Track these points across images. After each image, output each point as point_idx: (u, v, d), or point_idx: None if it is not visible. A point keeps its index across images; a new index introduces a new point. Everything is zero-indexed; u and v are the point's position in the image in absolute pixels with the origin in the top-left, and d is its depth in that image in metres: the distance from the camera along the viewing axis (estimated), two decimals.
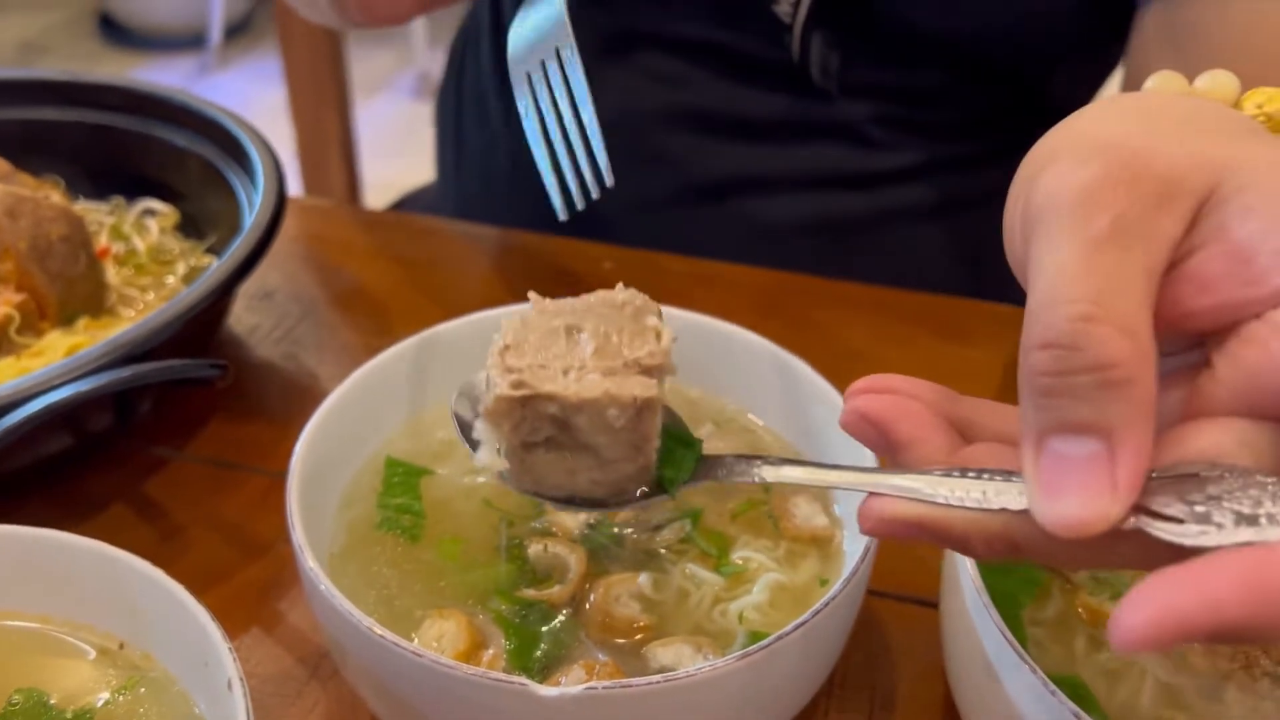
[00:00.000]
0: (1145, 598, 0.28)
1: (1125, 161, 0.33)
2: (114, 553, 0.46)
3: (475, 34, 1.05)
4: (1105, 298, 0.31)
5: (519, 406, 0.40)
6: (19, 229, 0.68)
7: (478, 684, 0.43)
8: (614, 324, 0.42)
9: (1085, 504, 0.31)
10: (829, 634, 0.48)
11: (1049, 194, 0.34)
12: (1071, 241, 0.32)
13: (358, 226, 0.92)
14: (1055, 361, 0.31)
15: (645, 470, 0.42)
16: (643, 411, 0.40)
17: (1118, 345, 0.30)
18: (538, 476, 0.42)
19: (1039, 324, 0.32)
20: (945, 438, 0.37)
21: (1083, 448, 0.31)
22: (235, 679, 0.41)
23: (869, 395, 0.37)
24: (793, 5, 0.81)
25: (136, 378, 0.54)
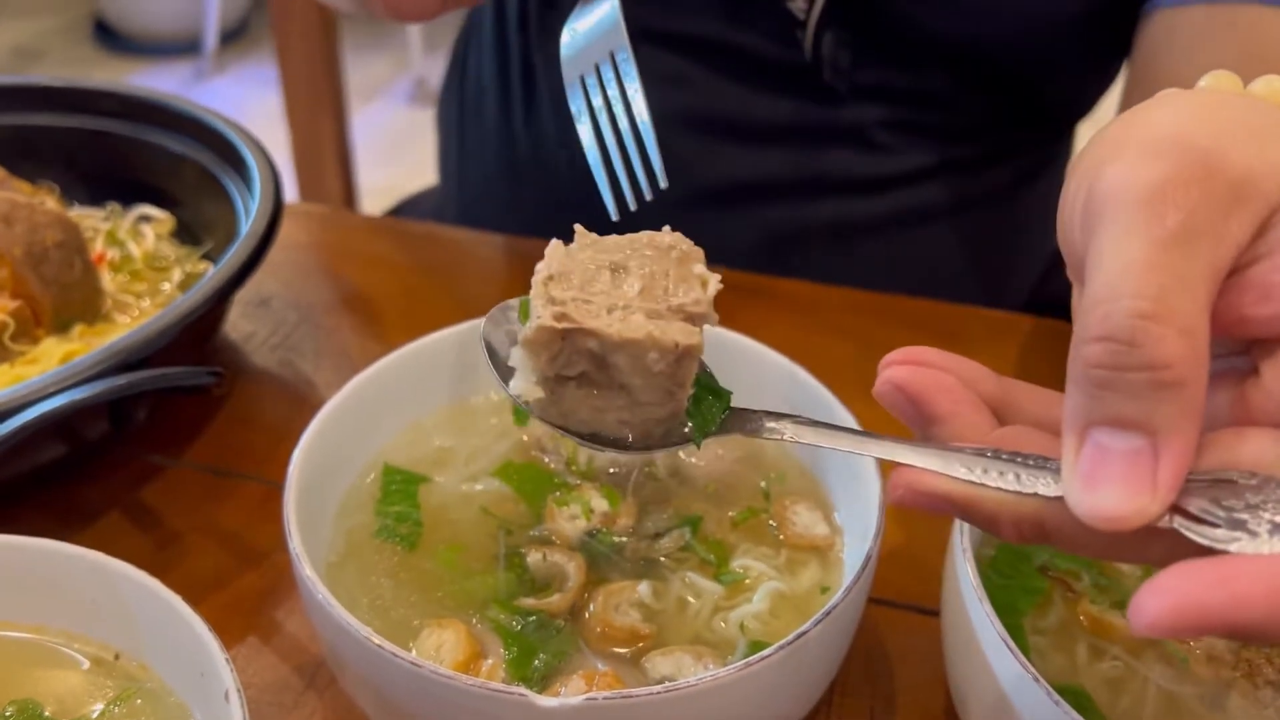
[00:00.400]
0: (1169, 586, 0.28)
1: (1198, 160, 0.33)
2: (109, 562, 0.46)
3: (477, 35, 1.05)
4: (1167, 297, 0.31)
5: (559, 338, 0.40)
6: (14, 235, 0.68)
7: (477, 694, 0.42)
8: (660, 266, 0.42)
9: (1124, 498, 0.31)
10: (830, 643, 0.48)
11: (1117, 188, 0.33)
12: (1139, 237, 0.32)
13: (355, 232, 0.91)
14: (1111, 355, 0.31)
15: (674, 416, 0.42)
16: (683, 358, 0.40)
17: (1174, 346, 0.30)
18: (565, 410, 0.42)
19: (1097, 315, 0.31)
20: (982, 416, 0.37)
21: (1127, 442, 0.31)
22: (233, 689, 0.40)
23: (906, 367, 0.37)
24: (807, 1, 0.81)
25: (132, 385, 0.54)
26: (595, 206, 0.94)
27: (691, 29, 0.87)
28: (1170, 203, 0.32)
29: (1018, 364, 0.76)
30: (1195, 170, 0.32)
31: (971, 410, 0.36)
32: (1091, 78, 0.91)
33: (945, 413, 0.36)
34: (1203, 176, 0.32)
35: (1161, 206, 0.32)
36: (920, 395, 0.36)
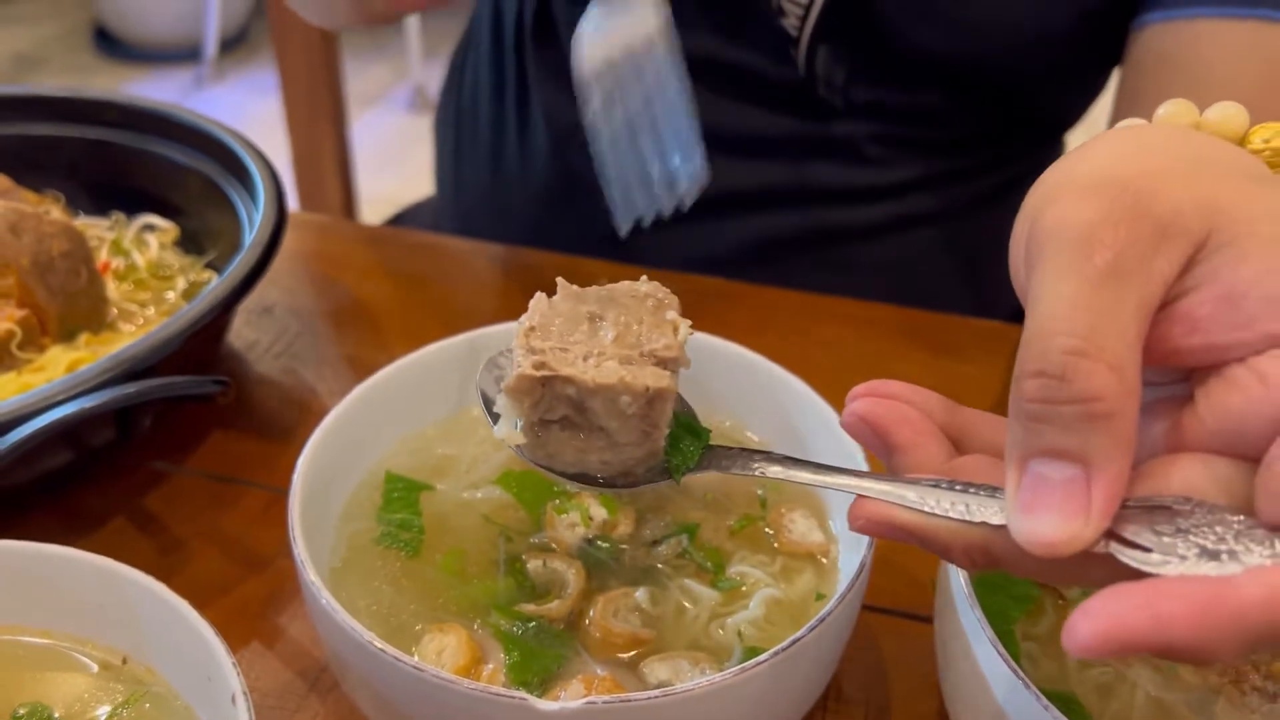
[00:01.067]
0: (1098, 609, 0.30)
1: (1128, 201, 0.34)
2: (117, 567, 0.47)
3: (474, 49, 1.06)
4: (1097, 334, 0.32)
5: (539, 386, 0.42)
6: (21, 245, 0.68)
7: (478, 698, 0.43)
8: (635, 314, 0.45)
9: (1059, 525, 0.32)
10: (824, 649, 0.49)
11: (1052, 227, 0.35)
12: (1070, 276, 0.33)
13: (356, 242, 0.92)
14: (1044, 389, 0.33)
15: (654, 455, 0.44)
16: (654, 401, 0.42)
17: (1104, 380, 0.32)
18: (551, 452, 0.45)
19: (1032, 352, 0.33)
20: (939, 445, 0.38)
21: (1062, 472, 0.33)
22: (239, 693, 0.41)
23: (870, 399, 0.39)
24: (800, 19, 0.82)
25: (141, 394, 0.55)
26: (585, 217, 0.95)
27: (687, 45, 0.88)
28: (1099, 242, 0.33)
29: (1009, 374, 0.77)
30: (1125, 211, 0.34)
31: (930, 440, 0.38)
32: (1083, 88, 0.93)
33: (906, 442, 0.38)
34: (1131, 217, 0.34)
35: (1091, 246, 0.33)
36: (882, 426, 0.38)
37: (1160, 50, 0.75)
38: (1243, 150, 0.40)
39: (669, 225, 0.93)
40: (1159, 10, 0.75)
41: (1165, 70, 0.74)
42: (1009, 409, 0.34)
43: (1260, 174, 0.38)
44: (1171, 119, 0.44)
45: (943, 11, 0.80)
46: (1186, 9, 0.73)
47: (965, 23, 0.81)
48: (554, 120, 0.95)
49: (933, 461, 0.38)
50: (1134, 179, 0.35)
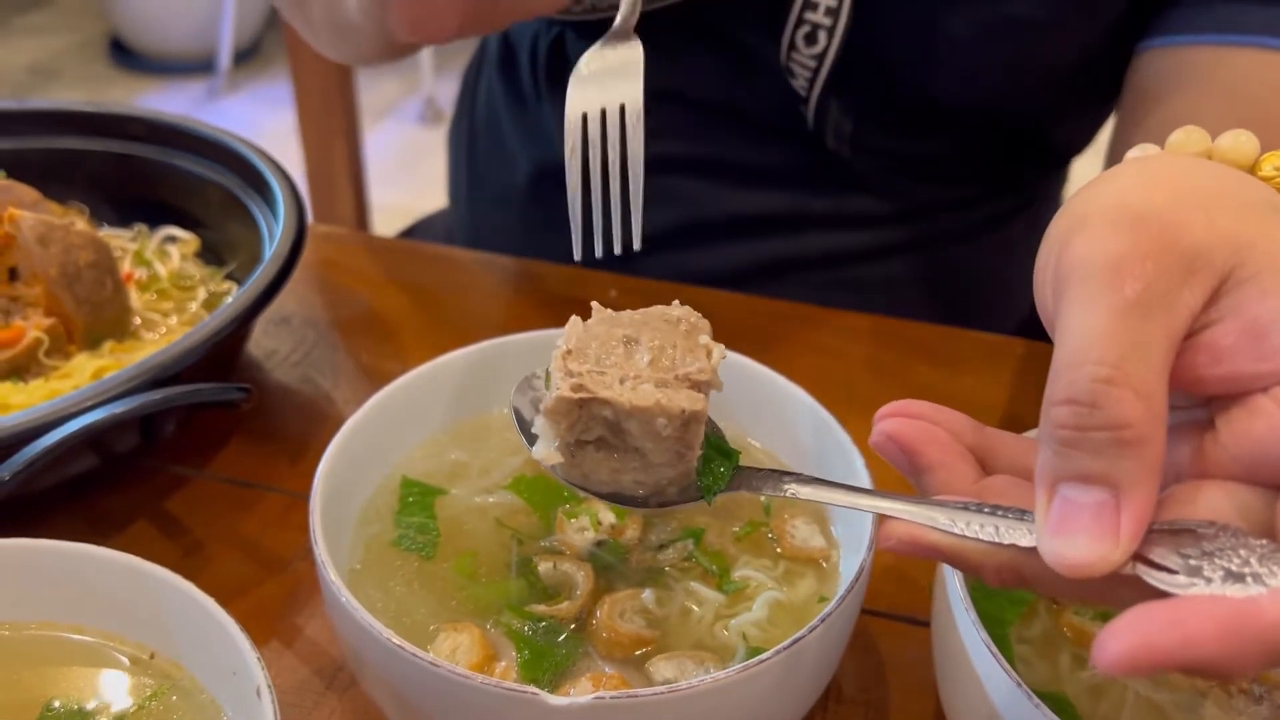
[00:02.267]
0: (1127, 627, 0.31)
1: (1155, 233, 0.35)
2: (146, 566, 0.49)
3: (487, 65, 1.08)
4: (1127, 363, 0.34)
5: (577, 408, 0.44)
6: (50, 256, 0.71)
7: (492, 694, 0.45)
8: (669, 338, 0.46)
9: (1090, 547, 0.34)
10: (825, 650, 0.50)
11: (1081, 258, 0.36)
12: (1100, 306, 0.35)
13: (371, 253, 0.95)
14: (1075, 417, 0.34)
15: (685, 476, 0.46)
16: (689, 423, 0.44)
17: (1133, 408, 0.33)
18: (586, 471, 0.46)
19: (1064, 380, 0.34)
20: (968, 466, 0.40)
21: (1092, 496, 0.34)
22: (264, 686, 0.43)
23: (898, 419, 0.40)
24: (809, 80, 0.84)
25: (167, 400, 0.57)
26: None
27: (703, 94, 0.90)
28: (1129, 274, 0.35)
29: (1011, 387, 0.79)
30: (1152, 243, 0.35)
31: (958, 460, 0.39)
32: (1089, 120, 0.94)
33: (934, 462, 0.39)
34: (1159, 249, 0.35)
35: (1120, 277, 0.35)
36: (912, 446, 0.40)
37: (1161, 74, 0.77)
38: (1258, 182, 0.42)
39: (674, 244, 0.95)
40: (1161, 36, 0.77)
41: (1165, 94, 0.76)
42: (1039, 434, 0.36)
43: (1276, 205, 0.39)
44: (1182, 146, 0.45)
45: (946, 62, 0.82)
46: (1188, 35, 0.75)
47: (966, 73, 0.82)
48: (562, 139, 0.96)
49: (961, 481, 0.39)
50: (1160, 211, 0.36)
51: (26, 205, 0.77)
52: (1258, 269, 0.36)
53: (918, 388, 0.79)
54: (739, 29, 0.86)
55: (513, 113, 1.02)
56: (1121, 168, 0.41)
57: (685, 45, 0.89)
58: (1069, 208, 0.39)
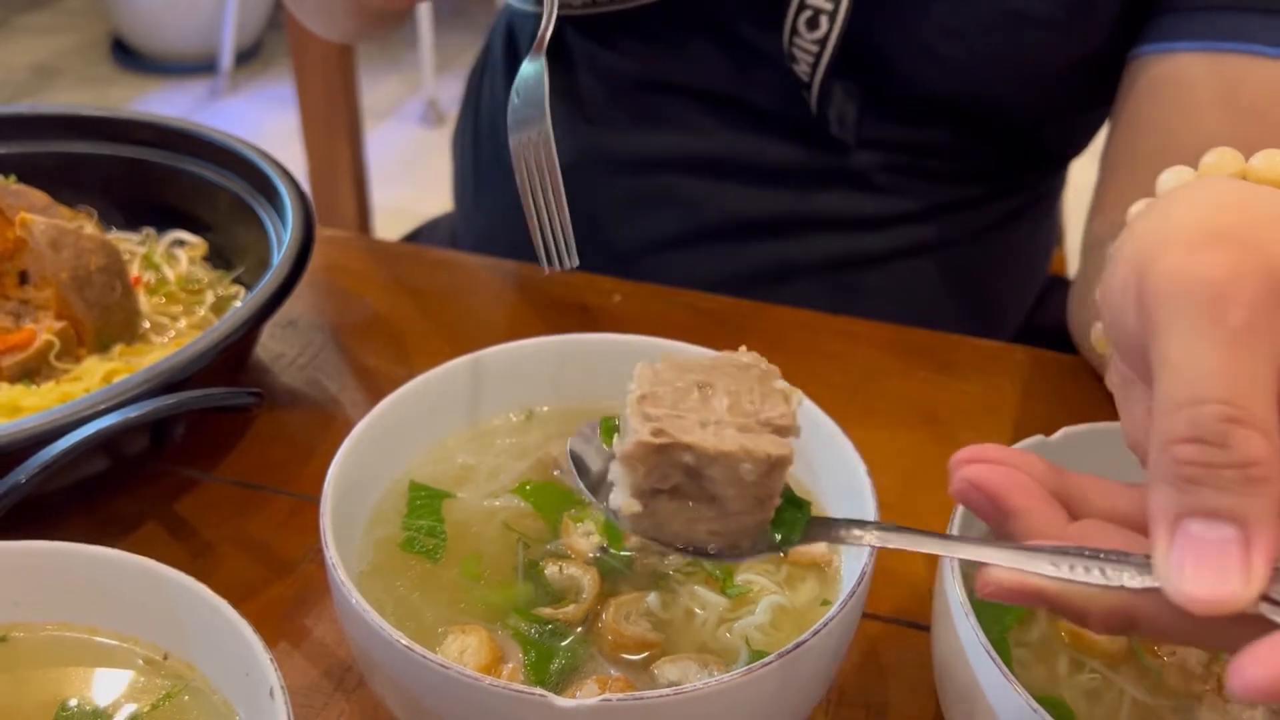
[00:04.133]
0: (1268, 654, 0.31)
1: (1245, 256, 0.35)
2: (159, 568, 0.49)
3: (491, 67, 1.09)
4: (1247, 400, 0.34)
5: (655, 453, 0.42)
6: (61, 260, 0.72)
7: (500, 695, 0.46)
8: (743, 384, 0.45)
9: (1220, 584, 0.33)
10: (826, 653, 0.51)
11: (1174, 282, 0.36)
12: (1208, 337, 0.34)
13: (376, 257, 0.95)
14: (1204, 454, 0.34)
15: (761, 526, 0.44)
16: (773, 469, 0.43)
17: (1260, 445, 0.33)
18: (659, 522, 0.44)
19: (1183, 418, 0.34)
20: (1055, 510, 0.40)
21: (1219, 532, 0.34)
22: (277, 687, 0.44)
23: (980, 465, 0.40)
24: (811, 65, 0.85)
25: (180, 404, 0.58)
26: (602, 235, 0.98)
27: (703, 83, 0.91)
28: (1232, 301, 0.35)
29: (1011, 393, 0.80)
30: (1250, 266, 0.35)
31: (1045, 505, 0.39)
32: (1086, 120, 0.95)
33: (1021, 508, 0.39)
34: (1257, 274, 0.35)
35: (1223, 305, 0.35)
36: (997, 493, 0.39)
37: (1156, 81, 0.77)
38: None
39: (677, 248, 0.96)
40: (1156, 42, 0.78)
41: (1158, 99, 0.77)
42: (1150, 474, 0.35)
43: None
44: (1218, 168, 0.45)
45: (945, 52, 0.83)
46: (1184, 42, 0.76)
47: (966, 63, 0.83)
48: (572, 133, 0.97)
49: (1051, 527, 0.39)
50: (1241, 232, 0.36)
51: (37, 209, 0.78)
52: None
53: (918, 394, 0.79)
54: (739, 18, 0.87)
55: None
56: (1187, 188, 0.40)
57: (687, 37, 0.90)
58: (1145, 227, 0.39)
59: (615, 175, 0.96)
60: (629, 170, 0.96)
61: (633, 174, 0.95)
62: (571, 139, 0.96)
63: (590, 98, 0.95)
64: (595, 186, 0.97)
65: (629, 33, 0.91)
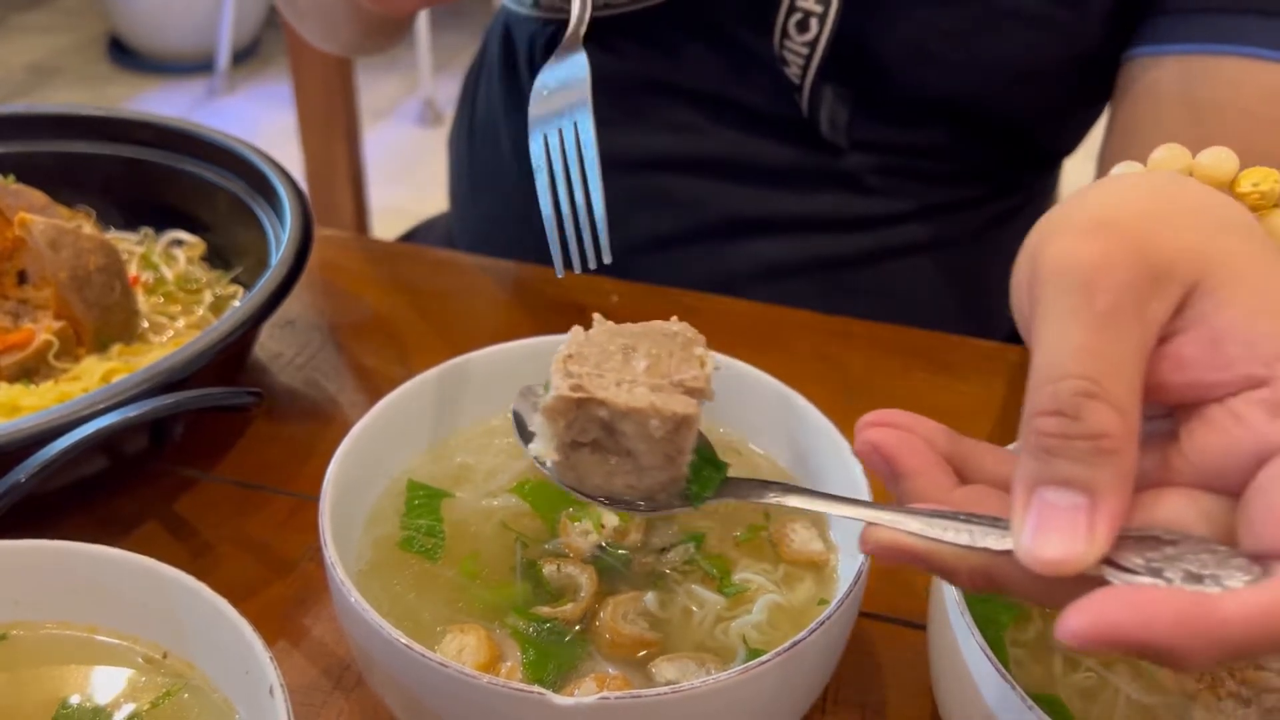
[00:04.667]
0: (1090, 604, 0.33)
1: (1124, 245, 0.37)
2: (159, 567, 0.50)
3: (488, 67, 1.09)
4: (1105, 378, 0.36)
5: (574, 407, 0.45)
6: (60, 260, 0.72)
7: (499, 693, 0.46)
8: (666, 349, 0.48)
9: (1064, 546, 0.35)
10: (823, 652, 0.52)
11: (1054, 269, 0.38)
12: (1076, 318, 0.36)
13: (374, 257, 0.96)
14: (1060, 426, 0.36)
15: (676, 481, 0.47)
16: (680, 426, 0.45)
17: (1111, 419, 0.35)
18: (580, 474, 0.47)
19: (1045, 393, 0.36)
20: (944, 474, 0.41)
21: (1069, 499, 0.36)
22: (276, 685, 0.44)
23: (881, 428, 0.42)
24: (801, 68, 0.85)
25: (180, 404, 0.58)
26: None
27: (697, 84, 0.91)
28: (1101, 285, 0.37)
29: (1006, 393, 0.80)
30: (1123, 254, 0.37)
31: (935, 468, 0.41)
32: (1078, 121, 0.96)
33: (912, 470, 0.41)
34: (1129, 261, 0.37)
35: (1093, 289, 0.37)
36: (892, 455, 0.41)
37: (1152, 84, 0.78)
38: (1228, 199, 0.43)
39: (672, 247, 0.97)
40: (1150, 44, 0.78)
41: (1157, 104, 0.77)
42: (1021, 442, 0.38)
43: (1244, 223, 0.41)
44: (1165, 163, 0.47)
45: (936, 53, 0.83)
46: (1176, 44, 0.76)
47: (958, 63, 0.84)
48: None
49: (938, 490, 0.41)
50: (1129, 223, 0.38)
51: (36, 209, 0.78)
52: (1219, 281, 0.37)
53: (915, 394, 0.80)
54: (733, 21, 0.88)
55: (511, 116, 1.03)
56: (1097, 184, 0.43)
57: (680, 39, 0.90)
58: (1044, 220, 0.41)
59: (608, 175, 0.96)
60: (622, 170, 0.96)
61: (626, 174, 0.96)
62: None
63: None
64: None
65: (625, 35, 0.92)
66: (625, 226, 0.97)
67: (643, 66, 0.93)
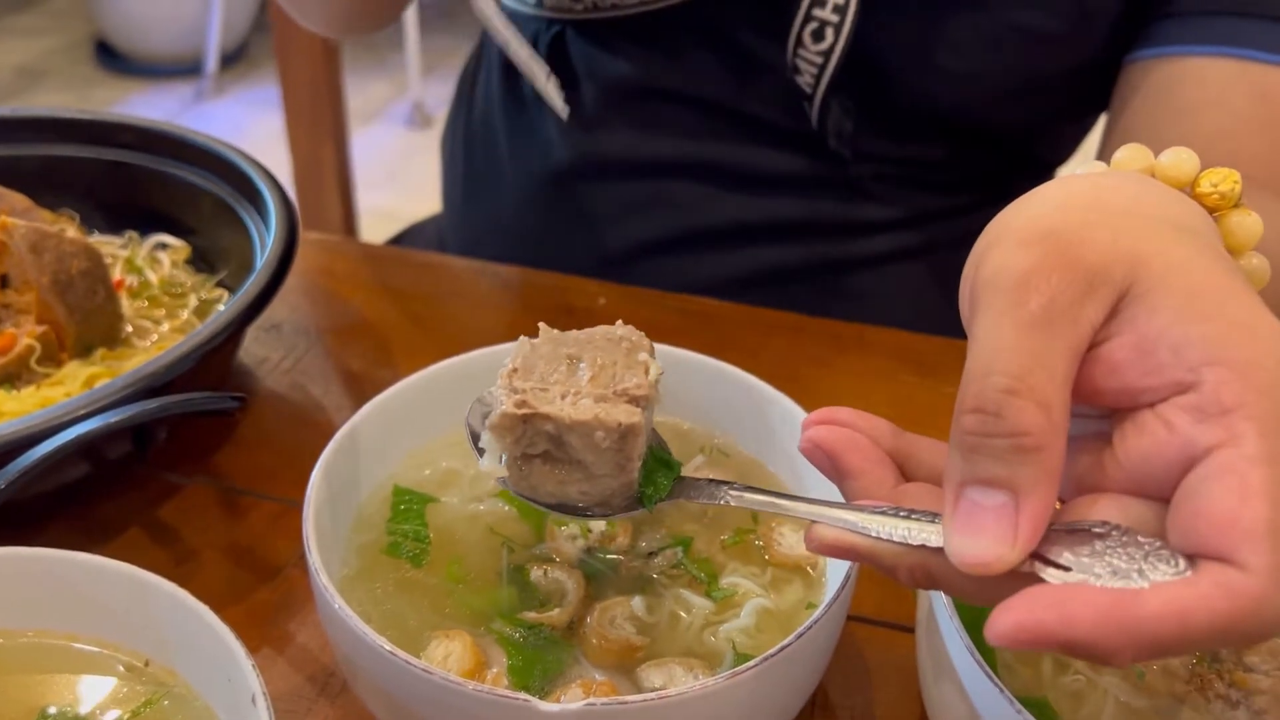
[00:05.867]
0: (1016, 604, 0.34)
1: (1059, 250, 0.38)
2: (141, 574, 0.49)
3: (486, 68, 1.08)
4: (1029, 375, 0.36)
5: (520, 423, 0.46)
6: (42, 264, 0.71)
7: (484, 700, 0.46)
8: (610, 356, 0.49)
9: (989, 547, 0.36)
10: (811, 656, 0.51)
11: (992, 273, 0.38)
12: (1006, 320, 0.37)
13: (361, 261, 0.95)
14: (980, 424, 0.36)
15: (628, 487, 0.48)
16: (626, 435, 0.46)
17: (1033, 417, 0.36)
18: (534, 484, 0.48)
19: (970, 391, 0.37)
20: (887, 471, 0.42)
21: (993, 499, 0.36)
22: (259, 693, 0.44)
23: (823, 427, 0.42)
24: (814, 76, 0.85)
25: (163, 409, 0.57)
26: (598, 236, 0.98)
27: (705, 93, 0.91)
28: (1033, 289, 0.37)
29: None
30: (1057, 259, 0.37)
31: (877, 466, 0.42)
32: (1076, 128, 0.96)
33: (855, 468, 0.42)
34: (1063, 265, 0.37)
35: (1025, 292, 0.37)
36: (835, 453, 0.42)
37: (1149, 87, 0.78)
38: (1178, 199, 0.44)
39: (669, 252, 0.96)
40: (1150, 47, 0.78)
41: (1154, 107, 0.77)
42: (950, 441, 0.38)
43: (1189, 225, 0.41)
44: (1126, 164, 0.47)
45: (944, 64, 0.83)
46: (1176, 46, 0.76)
47: (964, 74, 0.84)
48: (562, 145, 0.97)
49: (880, 487, 0.41)
50: (1067, 228, 0.39)
51: (18, 213, 0.77)
52: (1151, 285, 0.38)
53: (905, 397, 0.80)
54: (742, 27, 0.87)
55: (510, 120, 1.03)
56: (1040, 189, 0.43)
57: (689, 44, 0.90)
58: (991, 224, 0.41)
59: (610, 179, 0.96)
60: (624, 174, 0.96)
61: (627, 178, 0.95)
62: (568, 142, 0.96)
63: (588, 102, 0.95)
64: (590, 190, 0.97)
65: (629, 38, 0.92)
66: (623, 230, 0.97)
67: (646, 71, 0.92)
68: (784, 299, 0.91)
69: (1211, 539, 0.34)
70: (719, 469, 0.63)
